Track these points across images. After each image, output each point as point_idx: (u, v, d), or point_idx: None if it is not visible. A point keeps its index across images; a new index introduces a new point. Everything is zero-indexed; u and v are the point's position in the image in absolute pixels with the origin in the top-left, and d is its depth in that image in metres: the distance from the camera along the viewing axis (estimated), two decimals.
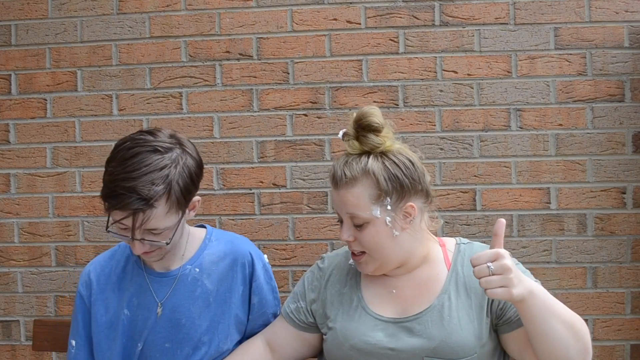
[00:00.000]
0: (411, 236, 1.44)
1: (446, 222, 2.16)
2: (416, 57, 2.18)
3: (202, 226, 1.68)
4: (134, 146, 1.41)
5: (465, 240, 1.53)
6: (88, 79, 2.27)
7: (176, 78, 2.25)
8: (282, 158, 2.21)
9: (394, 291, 1.47)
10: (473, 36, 2.16)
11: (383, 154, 1.42)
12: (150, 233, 1.42)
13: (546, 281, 2.11)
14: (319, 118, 2.20)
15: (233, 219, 2.22)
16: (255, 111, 2.22)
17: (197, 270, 1.57)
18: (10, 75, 2.29)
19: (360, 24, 2.20)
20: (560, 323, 1.26)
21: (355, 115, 1.45)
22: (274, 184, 2.21)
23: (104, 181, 1.41)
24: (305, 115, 2.21)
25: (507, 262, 1.21)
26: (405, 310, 1.43)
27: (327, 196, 2.19)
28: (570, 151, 2.14)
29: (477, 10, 2.16)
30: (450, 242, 1.52)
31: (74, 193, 2.26)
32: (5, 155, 2.29)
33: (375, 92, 2.19)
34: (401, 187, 1.40)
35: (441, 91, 2.17)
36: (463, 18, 2.17)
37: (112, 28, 2.26)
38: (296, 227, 2.20)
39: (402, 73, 2.18)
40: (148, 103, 2.25)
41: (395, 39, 2.19)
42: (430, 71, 2.18)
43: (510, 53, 2.16)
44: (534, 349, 1.31)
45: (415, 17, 2.18)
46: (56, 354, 2.25)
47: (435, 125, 2.17)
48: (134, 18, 2.26)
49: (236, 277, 1.59)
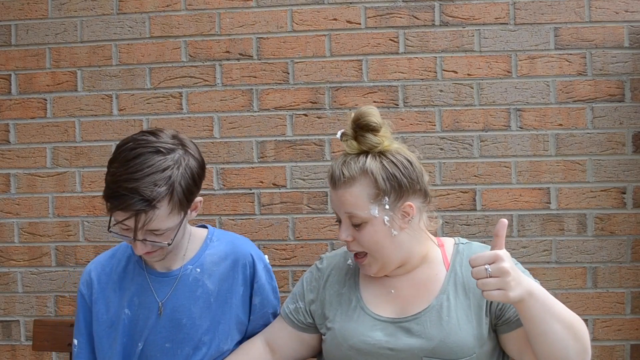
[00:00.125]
0: (410, 236, 1.44)
1: (446, 222, 2.16)
2: (416, 57, 2.18)
3: (204, 226, 1.68)
4: (137, 147, 1.41)
5: (464, 240, 1.53)
6: (88, 79, 2.27)
7: (176, 78, 2.25)
8: (282, 158, 2.21)
9: (393, 291, 1.47)
10: (473, 36, 2.16)
11: (381, 154, 1.42)
12: (152, 234, 1.43)
13: (546, 281, 2.11)
14: (319, 118, 2.20)
15: (233, 219, 2.22)
16: (255, 111, 2.22)
17: (198, 270, 1.57)
18: (10, 75, 2.29)
19: (360, 24, 2.19)
20: (559, 323, 1.26)
21: (353, 115, 1.44)
22: (274, 184, 2.21)
23: (107, 182, 1.41)
24: (305, 115, 2.21)
25: (505, 265, 1.21)
26: (403, 310, 1.43)
27: (327, 196, 2.19)
28: (570, 151, 2.14)
29: (477, 10, 2.16)
30: (449, 242, 1.52)
31: (74, 193, 2.27)
32: (5, 155, 2.29)
33: (375, 92, 2.19)
34: (399, 187, 1.40)
35: (441, 91, 2.17)
36: (463, 18, 2.17)
37: (112, 28, 2.26)
38: (296, 227, 2.20)
39: (402, 73, 2.18)
40: (148, 103, 2.25)
41: (395, 39, 2.19)
42: (430, 71, 2.17)
43: (510, 53, 2.16)
44: (533, 349, 1.31)
45: (415, 17, 2.18)
46: (56, 354, 2.25)
47: (435, 125, 2.17)
48: (134, 18, 2.26)
49: (237, 278, 1.59)
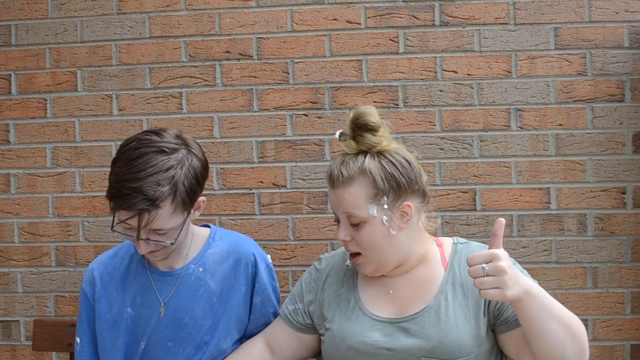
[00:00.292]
0: (408, 236, 1.44)
1: (446, 222, 2.16)
2: (416, 57, 2.18)
3: (207, 225, 1.68)
4: (140, 147, 1.41)
5: (462, 240, 1.53)
6: (88, 79, 2.27)
7: (176, 78, 2.25)
8: (282, 158, 2.21)
9: (391, 291, 1.47)
10: (473, 36, 2.16)
11: (380, 154, 1.43)
12: (155, 233, 1.43)
13: (546, 281, 2.11)
14: (319, 118, 2.20)
15: (233, 219, 2.22)
16: (255, 111, 2.22)
17: (201, 269, 1.58)
18: (10, 75, 2.29)
19: (360, 24, 2.19)
20: (557, 323, 1.26)
21: (352, 115, 1.45)
22: (274, 184, 2.21)
23: (110, 181, 1.41)
24: (305, 115, 2.21)
25: (503, 264, 1.21)
26: (402, 310, 1.43)
27: (327, 196, 2.18)
28: (570, 151, 2.14)
29: (477, 10, 2.16)
30: (447, 242, 1.52)
31: (74, 193, 2.27)
32: (5, 155, 2.29)
33: (375, 92, 2.19)
34: (398, 187, 1.40)
35: (441, 91, 2.17)
36: (463, 18, 2.17)
37: (112, 28, 2.26)
38: (296, 227, 2.20)
39: (402, 73, 2.18)
40: (148, 103, 2.25)
41: (395, 39, 2.19)
42: (430, 71, 2.17)
43: (510, 53, 2.16)
44: (531, 349, 1.31)
45: (415, 17, 2.18)
46: (56, 354, 2.25)
47: (435, 125, 2.17)
48: (134, 18, 2.26)
49: (239, 277, 1.59)
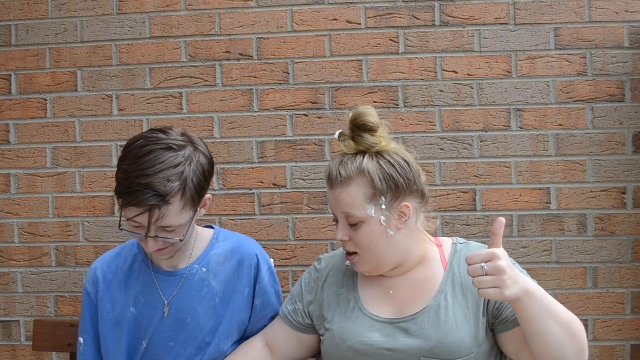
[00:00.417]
0: (406, 236, 1.44)
1: (446, 222, 2.16)
2: (416, 57, 2.18)
3: (210, 226, 1.69)
4: (147, 144, 1.41)
5: (461, 240, 1.53)
6: (88, 79, 2.27)
7: (176, 78, 2.25)
8: (282, 158, 2.21)
9: (391, 292, 1.47)
10: (473, 36, 2.16)
11: (378, 154, 1.43)
12: (163, 230, 1.42)
13: (546, 281, 2.11)
14: (319, 118, 2.20)
15: (233, 219, 2.22)
16: (255, 111, 2.22)
17: (204, 270, 1.58)
18: (10, 75, 2.29)
19: (360, 24, 2.19)
20: (556, 323, 1.26)
21: (350, 114, 1.45)
22: (274, 184, 2.21)
23: (118, 179, 1.40)
24: (305, 115, 2.21)
25: (501, 263, 1.21)
26: (401, 310, 1.43)
27: (327, 196, 2.18)
28: (570, 151, 2.14)
29: (477, 10, 2.16)
30: (446, 242, 1.52)
31: (74, 193, 2.27)
32: (5, 155, 2.29)
33: (375, 92, 2.19)
34: (396, 187, 1.40)
35: (441, 91, 2.17)
36: (463, 18, 2.17)
37: (112, 28, 2.26)
38: (296, 227, 2.20)
39: (402, 73, 2.18)
40: (148, 103, 2.25)
41: (395, 39, 2.19)
42: (430, 71, 2.17)
43: (510, 53, 2.16)
44: (530, 348, 1.31)
45: (415, 17, 2.18)
46: (56, 354, 2.25)
47: (435, 125, 2.17)
48: (134, 18, 2.26)
49: (241, 278, 1.60)
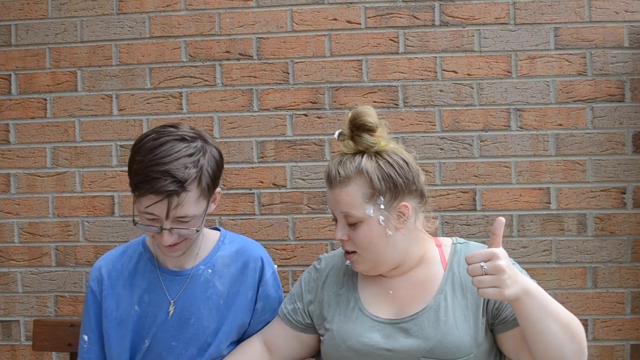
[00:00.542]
0: (405, 236, 1.44)
1: (446, 222, 2.16)
2: (416, 57, 2.18)
3: (216, 228, 1.70)
4: (161, 136, 1.43)
5: (461, 240, 1.53)
6: (88, 79, 2.27)
7: (176, 78, 2.25)
8: (282, 158, 2.21)
9: (391, 292, 1.47)
10: (473, 36, 2.16)
11: (377, 154, 1.43)
12: (179, 222, 1.43)
13: (546, 281, 2.11)
14: (319, 118, 2.20)
15: (233, 219, 2.22)
16: (255, 111, 2.22)
17: (210, 271, 1.58)
18: (10, 75, 2.29)
19: (360, 24, 2.19)
20: (556, 323, 1.26)
21: (350, 114, 1.45)
22: (274, 184, 2.21)
23: (134, 171, 1.41)
24: (305, 115, 2.21)
25: (501, 263, 1.21)
26: (401, 311, 1.43)
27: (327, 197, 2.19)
28: (570, 151, 2.14)
29: (477, 10, 2.16)
30: (446, 242, 1.52)
31: (74, 193, 2.27)
32: (5, 155, 2.29)
33: (375, 92, 2.19)
34: (395, 187, 1.40)
35: (441, 91, 2.17)
36: (463, 18, 2.17)
37: (112, 28, 2.26)
38: (296, 227, 2.20)
39: (402, 73, 2.18)
40: (148, 103, 2.25)
41: (395, 39, 2.19)
42: (430, 71, 2.17)
43: (510, 53, 2.16)
44: (530, 348, 1.31)
45: (415, 17, 2.18)
46: (56, 354, 2.25)
47: (435, 125, 2.17)
48: (134, 18, 2.26)
49: (246, 281, 1.60)
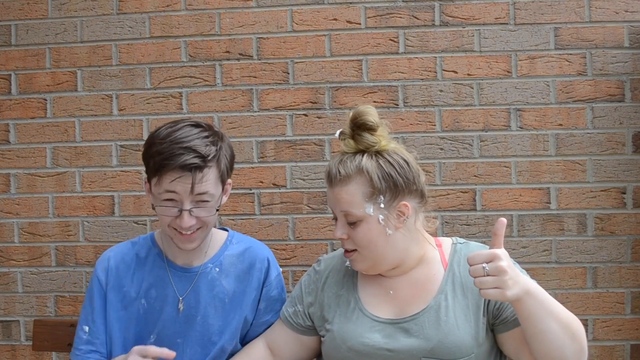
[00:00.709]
0: (405, 236, 1.44)
1: (446, 222, 2.16)
2: (416, 57, 2.18)
3: (224, 229, 1.71)
4: (176, 124, 1.50)
5: (461, 240, 1.53)
6: (88, 79, 2.27)
7: (176, 78, 2.24)
8: (282, 158, 2.21)
9: (391, 292, 1.47)
10: (473, 36, 2.16)
11: (378, 153, 1.43)
12: (199, 202, 1.47)
13: (546, 281, 2.11)
14: (319, 118, 2.20)
15: (233, 219, 2.22)
16: (255, 111, 2.22)
17: (217, 270, 1.60)
18: (10, 75, 2.29)
19: (360, 24, 2.19)
20: (556, 323, 1.26)
21: (351, 114, 1.46)
22: (274, 184, 2.21)
23: (156, 152, 1.45)
24: (305, 115, 2.21)
25: (503, 264, 1.22)
26: (402, 311, 1.44)
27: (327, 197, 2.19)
28: (570, 151, 2.14)
29: (477, 10, 2.16)
30: (446, 242, 1.53)
31: (74, 193, 2.26)
32: (5, 155, 2.29)
33: (375, 92, 2.19)
34: (395, 186, 1.41)
35: (441, 91, 2.17)
36: (463, 18, 2.17)
37: (112, 28, 2.26)
38: (296, 227, 2.20)
39: (402, 73, 2.18)
40: (148, 103, 2.25)
41: (395, 39, 2.19)
42: (430, 71, 2.17)
43: (510, 53, 2.16)
44: (531, 348, 1.31)
45: (415, 17, 2.18)
46: (56, 354, 2.25)
47: (435, 125, 2.17)
48: (134, 18, 2.26)
49: (251, 281, 1.62)
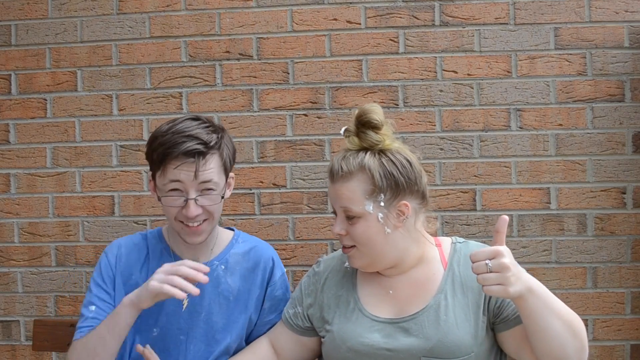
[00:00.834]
0: (404, 235, 1.44)
1: (446, 222, 2.16)
2: (416, 57, 2.18)
3: (231, 229, 1.73)
4: (177, 119, 1.56)
5: (461, 239, 1.53)
6: (88, 79, 2.27)
7: (176, 78, 2.24)
8: (282, 158, 2.21)
9: (391, 292, 1.47)
10: (473, 36, 2.16)
11: (381, 152, 1.44)
12: (204, 191, 1.49)
13: (546, 281, 2.11)
14: (319, 118, 2.20)
15: (233, 219, 2.22)
16: (255, 111, 2.22)
17: (223, 267, 1.62)
18: (10, 75, 2.29)
19: (360, 24, 2.19)
20: (558, 320, 1.27)
21: (357, 111, 1.47)
22: (274, 184, 2.21)
23: (158, 144, 1.49)
24: (305, 115, 2.21)
25: (506, 261, 1.22)
26: (401, 310, 1.44)
27: (327, 196, 2.18)
28: (570, 151, 2.14)
29: (477, 10, 2.16)
30: (446, 242, 1.53)
31: (74, 193, 2.26)
32: (5, 155, 2.29)
33: (375, 92, 2.19)
34: (396, 185, 1.41)
35: (441, 91, 2.17)
36: (463, 18, 2.17)
37: (112, 28, 2.26)
38: (296, 227, 2.20)
39: (402, 73, 2.18)
40: (148, 103, 2.25)
41: (395, 39, 2.19)
42: (430, 71, 2.17)
43: (510, 53, 2.16)
44: (532, 346, 1.31)
45: (415, 17, 2.18)
46: (56, 354, 2.25)
47: (435, 125, 2.17)
48: (134, 18, 2.25)
49: (256, 280, 1.63)
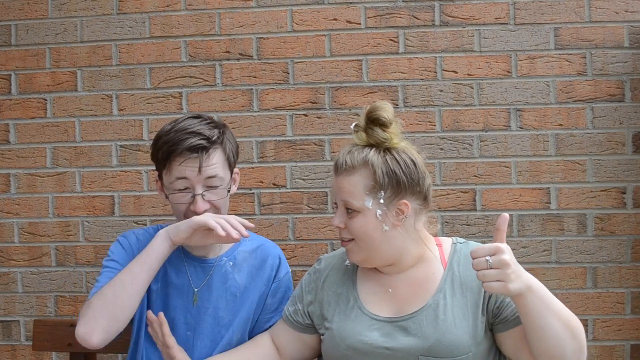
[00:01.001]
0: (403, 235, 1.45)
1: (446, 222, 2.16)
2: (416, 57, 2.18)
3: None
4: (178, 119, 1.59)
5: (461, 239, 1.54)
6: (88, 79, 2.27)
7: (176, 78, 2.24)
8: (282, 158, 2.21)
9: (390, 290, 1.48)
10: (473, 36, 2.16)
11: (387, 150, 1.45)
12: (209, 186, 1.52)
13: (546, 281, 2.11)
14: (319, 118, 2.20)
15: None
16: (255, 111, 2.22)
17: (231, 264, 1.63)
18: (10, 75, 2.29)
19: (360, 24, 2.19)
20: (557, 320, 1.27)
21: (367, 108, 1.48)
22: (274, 184, 2.21)
23: (162, 142, 1.53)
24: (305, 115, 2.21)
25: (506, 257, 1.23)
26: (400, 309, 1.44)
27: (327, 196, 2.19)
28: (570, 151, 2.14)
29: (477, 10, 2.16)
30: (446, 242, 1.54)
31: (74, 193, 2.26)
32: (5, 155, 2.29)
33: (375, 92, 2.19)
34: (397, 184, 1.42)
35: (441, 91, 2.17)
36: (463, 18, 2.17)
37: (112, 28, 2.26)
38: (296, 227, 2.20)
39: (402, 73, 2.18)
40: (148, 103, 2.25)
41: (395, 39, 2.19)
42: (430, 71, 2.17)
43: (510, 53, 2.16)
44: (530, 345, 1.32)
45: (415, 17, 2.18)
46: (56, 354, 2.25)
47: (435, 125, 2.17)
48: (134, 18, 2.26)
49: (262, 276, 1.65)
